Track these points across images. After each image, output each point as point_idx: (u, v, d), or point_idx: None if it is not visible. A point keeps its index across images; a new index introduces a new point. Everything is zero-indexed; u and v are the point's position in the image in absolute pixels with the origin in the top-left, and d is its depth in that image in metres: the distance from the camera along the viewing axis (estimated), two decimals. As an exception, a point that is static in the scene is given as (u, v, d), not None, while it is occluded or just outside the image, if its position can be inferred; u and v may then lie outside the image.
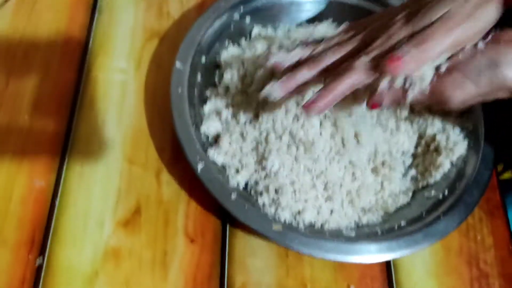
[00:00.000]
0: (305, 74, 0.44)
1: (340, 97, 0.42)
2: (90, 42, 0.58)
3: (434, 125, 0.53)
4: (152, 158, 0.52)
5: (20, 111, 0.53)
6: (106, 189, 0.50)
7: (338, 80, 0.41)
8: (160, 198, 0.50)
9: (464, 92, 0.42)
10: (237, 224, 0.50)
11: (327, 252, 0.44)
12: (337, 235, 0.46)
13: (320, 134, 0.49)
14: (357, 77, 0.41)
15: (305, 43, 0.48)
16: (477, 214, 0.54)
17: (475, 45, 0.42)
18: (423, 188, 0.51)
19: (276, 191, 0.48)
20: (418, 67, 0.41)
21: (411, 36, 0.41)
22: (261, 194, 0.48)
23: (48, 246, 0.47)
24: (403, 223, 0.48)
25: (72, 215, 0.48)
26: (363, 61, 0.41)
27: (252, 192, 0.49)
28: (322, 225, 0.47)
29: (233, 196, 0.46)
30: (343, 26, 0.49)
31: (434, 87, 0.43)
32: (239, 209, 0.45)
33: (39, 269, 0.46)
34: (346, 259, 0.44)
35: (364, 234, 0.47)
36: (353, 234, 0.47)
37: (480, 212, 0.54)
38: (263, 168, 0.49)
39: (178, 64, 0.52)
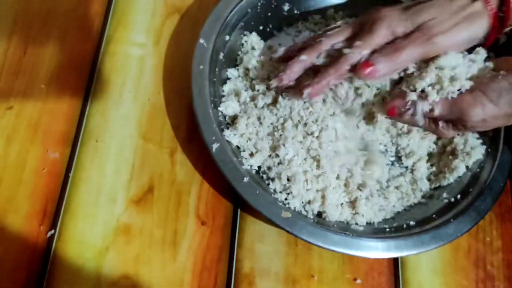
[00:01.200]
0: (305, 59, 0.46)
1: (329, 85, 0.46)
2: (110, 14, 0.57)
3: None
4: (167, 136, 0.52)
5: (36, 80, 0.52)
6: (120, 165, 0.50)
7: (327, 70, 0.45)
8: (174, 178, 0.50)
9: (483, 110, 0.42)
10: (248, 209, 0.50)
11: (333, 244, 0.44)
12: (344, 229, 0.46)
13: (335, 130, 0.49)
14: (342, 69, 0.44)
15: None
16: (488, 217, 0.54)
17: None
18: (436, 189, 0.51)
19: (288, 179, 0.48)
20: (388, 74, 0.44)
21: (389, 43, 0.44)
22: (273, 180, 0.48)
23: (60, 218, 0.47)
24: (412, 223, 0.48)
25: (85, 189, 0.48)
26: (349, 54, 0.44)
27: (264, 177, 0.49)
28: (330, 217, 0.47)
29: (246, 179, 0.46)
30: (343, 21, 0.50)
31: (455, 103, 0.43)
32: (251, 193, 0.45)
33: (50, 240, 0.46)
34: (352, 253, 0.45)
35: (372, 230, 0.47)
36: (360, 229, 0.47)
37: (491, 215, 0.54)
38: (277, 155, 0.48)
39: (201, 41, 0.51)
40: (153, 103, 0.53)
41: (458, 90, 0.43)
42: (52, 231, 0.46)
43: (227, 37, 0.53)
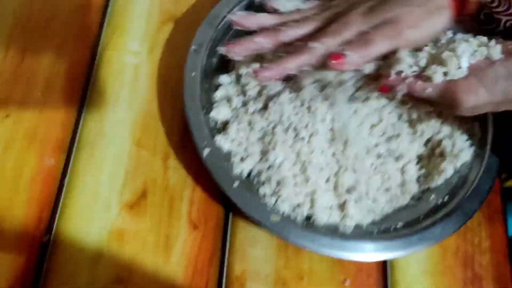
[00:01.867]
0: (262, 41, 0.47)
1: (286, 72, 0.46)
2: (106, 22, 0.58)
3: (442, 130, 0.53)
4: (160, 143, 0.53)
5: (33, 88, 0.53)
6: (114, 171, 0.51)
7: (288, 58, 0.45)
8: (166, 183, 0.51)
9: (477, 97, 0.42)
10: (239, 213, 0.51)
11: (322, 246, 0.45)
12: (333, 231, 0.47)
13: (323, 132, 0.50)
14: (304, 59, 0.45)
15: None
16: (476, 218, 0.54)
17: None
18: (424, 191, 0.52)
19: (278, 183, 0.49)
20: (358, 66, 0.45)
21: (360, 34, 0.45)
22: (263, 184, 0.49)
23: (55, 223, 0.48)
24: (399, 224, 0.49)
25: (79, 195, 0.50)
26: (314, 47, 0.45)
27: (255, 181, 0.50)
28: (319, 220, 0.48)
29: (236, 184, 0.47)
30: (311, 4, 0.51)
31: (448, 87, 0.43)
32: (240, 197, 0.47)
33: (45, 245, 0.47)
34: (340, 255, 0.46)
35: (360, 232, 0.48)
36: (349, 231, 0.48)
37: (479, 216, 0.55)
38: (267, 159, 0.49)
39: (193, 48, 0.53)
40: (147, 110, 0.54)
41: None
42: (48, 236, 0.48)
43: (220, 44, 0.55)
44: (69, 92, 0.54)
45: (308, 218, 0.49)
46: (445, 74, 0.44)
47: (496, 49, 0.45)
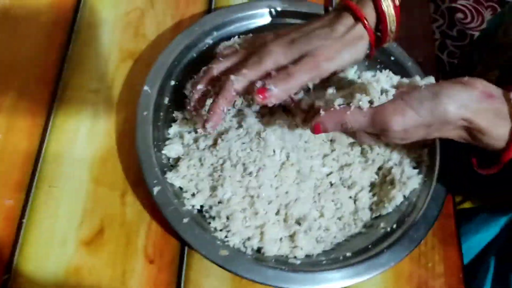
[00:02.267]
0: (200, 87, 0.50)
1: (222, 114, 0.48)
2: (66, 62, 0.60)
3: (392, 158, 0.54)
4: (118, 179, 0.55)
5: (-5, 130, 0.55)
6: (72, 209, 0.53)
7: (216, 102, 0.47)
8: (123, 219, 0.53)
9: (404, 118, 0.43)
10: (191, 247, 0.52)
11: (268, 280, 0.47)
12: (282, 263, 0.49)
13: (274, 166, 0.52)
14: (230, 97, 0.47)
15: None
16: (430, 242, 0.56)
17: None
18: (376, 218, 0.53)
19: (228, 218, 0.50)
20: (281, 99, 0.46)
21: (281, 68, 0.47)
22: (213, 218, 0.51)
23: (14, 262, 0.50)
24: (348, 253, 0.50)
25: (38, 233, 0.51)
26: (235, 81, 0.47)
27: (206, 215, 0.52)
28: (269, 252, 0.50)
29: (185, 220, 0.48)
30: (239, 39, 0.54)
31: (375, 112, 0.44)
32: (190, 233, 0.48)
33: (5, 284, 0.49)
34: (286, 286, 0.47)
35: (309, 263, 0.49)
36: (298, 262, 0.49)
37: (433, 240, 0.56)
38: (216, 195, 0.51)
39: (146, 88, 0.54)
40: (105, 147, 0.56)
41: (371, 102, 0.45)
42: (7, 276, 0.49)
43: (173, 82, 0.57)
44: (29, 132, 0.56)
45: (259, 250, 0.50)
46: (370, 102, 0.45)
47: (417, 79, 0.46)
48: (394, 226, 0.51)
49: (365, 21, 0.48)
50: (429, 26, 0.73)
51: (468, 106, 0.42)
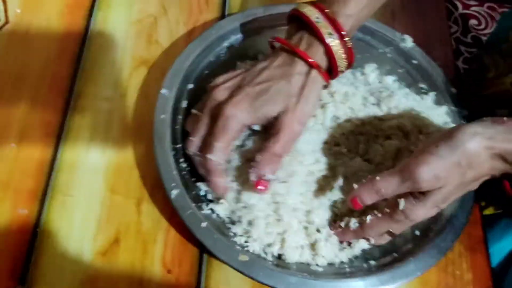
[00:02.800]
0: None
1: (222, 183, 0.50)
2: (79, 71, 0.59)
3: None
4: (134, 187, 0.53)
5: (7, 139, 0.54)
6: (87, 218, 0.51)
7: (211, 181, 0.49)
8: (139, 228, 0.51)
9: (429, 166, 0.42)
10: (211, 253, 0.51)
11: (290, 286, 0.45)
12: (304, 270, 0.47)
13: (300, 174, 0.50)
14: (219, 171, 0.49)
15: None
16: (457, 249, 0.54)
17: None
18: None
19: (249, 223, 0.49)
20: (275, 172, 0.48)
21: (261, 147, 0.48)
22: (233, 223, 0.49)
23: (29, 273, 0.48)
24: (372, 262, 0.48)
25: (52, 244, 0.50)
26: (213, 158, 0.48)
27: (226, 220, 0.50)
28: (289, 259, 0.48)
29: (204, 224, 0.47)
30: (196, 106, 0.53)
31: (402, 170, 0.44)
32: (209, 237, 0.47)
33: (19, 296, 0.47)
34: None
35: (332, 271, 0.47)
36: (320, 269, 0.47)
37: (460, 247, 0.54)
38: (240, 200, 0.49)
39: (163, 91, 0.54)
40: (120, 155, 0.55)
41: None
42: (21, 287, 0.48)
43: (191, 86, 0.56)
44: (43, 142, 0.55)
45: (279, 256, 0.49)
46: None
47: None
48: (419, 233, 0.50)
49: (319, 68, 0.49)
50: (445, 30, 0.72)
51: (483, 134, 0.42)
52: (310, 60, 0.48)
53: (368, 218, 0.47)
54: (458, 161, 0.42)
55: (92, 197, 0.52)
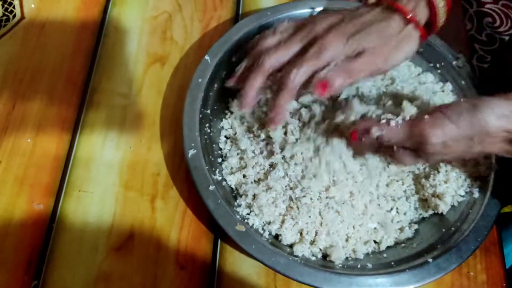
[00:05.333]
0: (253, 82, 0.47)
1: (285, 110, 0.48)
2: (94, 67, 0.59)
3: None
4: (148, 184, 0.54)
5: (24, 134, 0.55)
6: (102, 214, 0.52)
7: (277, 100, 0.47)
8: (154, 224, 0.52)
9: (443, 131, 0.41)
10: (228, 250, 0.51)
11: (277, 265, 0.45)
12: (320, 264, 0.47)
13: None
14: (292, 92, 0.46)
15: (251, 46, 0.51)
16: (471, 250, 0.53)
17: None
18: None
19: (254, 197, 0.50)
20: (340, 90, 0.49)
21: (342, 60, 0.46)
22: (241, 196, 0.51)
23: (44, 268, 0.49)
24: (390, 261, 0.48)
25: (67, 239, 0.50)
26: (296, 76, 0.46)
27: (235, 192, 0.52)
28: (285, 240, 0.49)
29: (211, 187, 0.48)
30: (284, 24, 0.51)
31: (413, 125, 0.43)
32: (213, 201, 0.47)
33: (34, 290, 0.48)
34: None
35: (348, 266, 0.48)
36: (313, 259, 0.49)
37: (474, 248, 0.53)
38: (269, 187, 0.50)
39: (207, 57, 0.55)
40: (134, 151, 0.55)
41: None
42: (36, 282, 0.48)
43: (233, 59, 0.56)
44: (58, 137, 0.55)
45: (276, 237, 0.49)
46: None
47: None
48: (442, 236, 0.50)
49: (418, 23, 0.48)
50: (461, 29, 0.71)
51: (509, 117, 0.41)
52: (412, 17, 0.47)
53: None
54: (472, 135, 0.41)
55: (107, 193, 0.53)
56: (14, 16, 0.62)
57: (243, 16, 0.64)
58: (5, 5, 0.63)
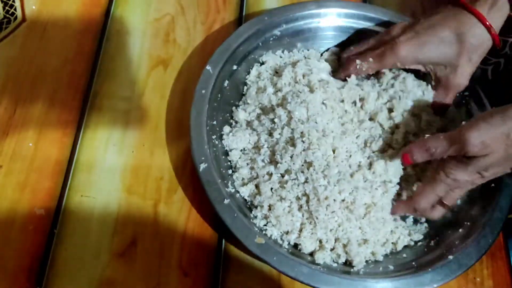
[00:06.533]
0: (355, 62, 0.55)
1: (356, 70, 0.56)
2: (96, 70, 0.59)
3: None
4: (151, 189, 0.53)
5: (25, 138, 0.54)
6: (104, 219, 0.51)
7: (345, 66, 0.56)
8: (157, 230, 0.51)
9: (479, 131, 0.43)
10: (231, 257, 0.50)
11: (300, 275, 0.44)
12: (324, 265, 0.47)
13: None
14: (350, 71, 0.55)
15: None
16: (477, 256, 0.53)
17: None
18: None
19: (270, 208, 0.49)
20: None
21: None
22: (256, 207, 0.50)
23: (45, 275, 0.48)
24: (390, 266, 0.47)
25: (69, 245, 0.49)
26: (358, 65, 0.54)
27: (249, 203, 0.51)
28: (305, 249, 0.48)
29: (226, 201, 0.47)
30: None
31: (453, 132, 0.45)
32: (229, 215, 0.47)
33: (35, 297, 0.47)
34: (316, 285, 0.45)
35: (343, 270, 0.47)
36: (335, 265, 0.48)
37: (481, 254, 0.53)
38: (282, 198, 0.49)
39: (208, 67, 0.54)
40: (137, 155, 0.55)
41: None
42: (38, 288, 0.48)
43: (235, 67, 0.56)
44: (59, 141, 0.54)
45: (295, 246, 0.49)
46: None
47: None
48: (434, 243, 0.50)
49: (493, 30, 0.50)
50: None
51: None
52: (487, 22, 0.49)
53: (415, 186, 0.50)
54: (507, 132, 0.43)
55: (109, 198, 0.52)
56: (15, 18, 0.61)
57: (246, 18, 0.64)
58: (6, 7, 0.62)
